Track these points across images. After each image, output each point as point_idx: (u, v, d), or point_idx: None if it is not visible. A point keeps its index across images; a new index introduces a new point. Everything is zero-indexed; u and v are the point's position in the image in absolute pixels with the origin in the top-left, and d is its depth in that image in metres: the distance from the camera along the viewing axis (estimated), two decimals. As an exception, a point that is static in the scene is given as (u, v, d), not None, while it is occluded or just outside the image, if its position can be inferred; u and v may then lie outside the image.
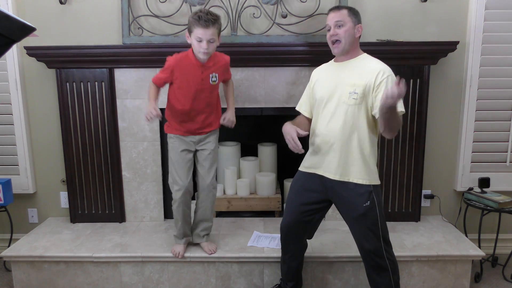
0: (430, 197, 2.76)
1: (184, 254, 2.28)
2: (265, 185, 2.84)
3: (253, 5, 2.52)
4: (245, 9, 2.53)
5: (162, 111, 2.48)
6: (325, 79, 1.97)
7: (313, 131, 1.98)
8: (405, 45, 2.44)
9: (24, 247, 2.39)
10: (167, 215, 2.77)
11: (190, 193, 2.21)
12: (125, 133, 2.64)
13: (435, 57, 2.52)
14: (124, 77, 2.58)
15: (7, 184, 2.60)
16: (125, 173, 2.69)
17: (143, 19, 2.57)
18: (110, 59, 2.51)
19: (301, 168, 2.03)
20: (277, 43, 2.49)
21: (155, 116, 1.99)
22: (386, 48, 2.44)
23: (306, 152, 2.03)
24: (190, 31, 2.01)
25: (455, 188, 2.76)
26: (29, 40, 2.35)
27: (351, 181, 1.85)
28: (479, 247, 2.40)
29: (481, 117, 2.66)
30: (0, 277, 2.61)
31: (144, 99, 2.59)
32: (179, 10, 2.54)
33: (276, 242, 2.39)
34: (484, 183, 2.58)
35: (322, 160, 1.91)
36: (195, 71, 2.08)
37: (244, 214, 2.87)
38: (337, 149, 1.86)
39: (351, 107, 1.82)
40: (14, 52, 2.60)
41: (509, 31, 2.57)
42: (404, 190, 2.66)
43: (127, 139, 2.65)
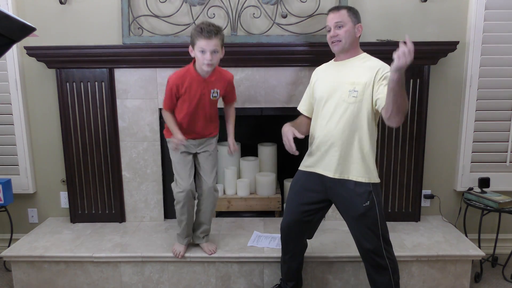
0: (430, 197, 2.76)
1: (184, 254, 2.28)
2: (265, 185, 2.84)
3: (253, 5, 2.52)
4: (245, 9, 2.53)
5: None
6: (325, 78, 1.97)
7: (313, 130, 1.98)
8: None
9: (24, 247, 2.39)
10: (167, 215, 2.77)
11: (193, 194, 2.21)
12: (125, 133, 2.64)
13: (435, 57, 2.52)
14: (124, 77, 2.58)
15: (7, 184, 2.60)
16: (125, 173, 2.69)
17: (143, 19, 2.57)
18: (110, 59, 2.51)
19: (301, 167, 2.03)
20: (277, 43, 2.49)
21: (182, 145, 2.10)
22: (386, 48, 2.42)
23: (306, 152, 2.03)
24: (193, 44, 2.00)
25: (455, 188, 2.76)
26: (29, 40, 2.35)
27: (350, 179, 1.85)
28: (479, 247, 2.41)
29: (481, 117, 2.66)
30: (0, 277, 2.61)
31: (144, 99, 2.59)
32: (179, 10, 2.54)
33: (276, 242, 2.39)
34: (484, 183, 2.58)
35: (322, 159, 1.91)
36: (197, 85, 2.07)
37: (244, 214, 2.87)
38: (336, 148, 1.86)
39: (351, 106, 1.82)
40: (14, 52, 2.60)
41: (509, 31, 2.57)
42: (404, 190, 2.66)
43: (127, 139, 2.65)
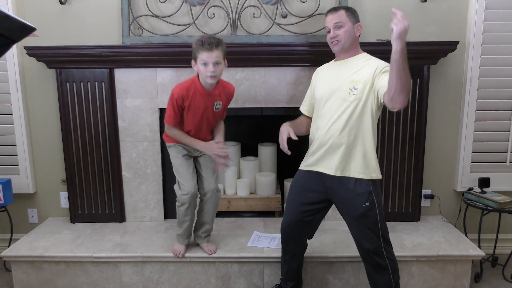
0: (430, 197, 2.76)
1: (185, 254, 2.28)
2: (265, 185, 2.84)
3: (253, 5, 2.52)
4: (245, 9, 2.53)
5: (163, 111, 2.48)
6: (326, 78, 1.98)
7: (313, 130, 1.99)
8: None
9: (24, 247, 2.39)
10: (167, 215, 2.77)
11: (196, 196, 2.21)
12: (125, 133, 2.64)
13: (435, 57, 2.52)
14: (124, 77, 2.58)
15: (7, 184, 2.60)
16: (125, 173, 2.69)
17: (143, 19, 2.57)
18: (110, 59, 2.51)
19: (301, 167, 2.03)
20: (277, 43, 2.49)
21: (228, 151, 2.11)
22: (386, 48, 2.41)
23: (306, 152, 2.03)
24: (195, 58, 2.00)
25: (455, 188, 2.76)
26: (29, 40, 2.35)
27: (351, 176, 1.85)
28: (479, 247, 2.41)
29: (481, 117, 2.66)
30: (0, 277, 2.61)
31: (144, 99, 2.59)
32: (179, 10, 2.53)
33: (276, 242, 2.39)
34: (484, 183, 2.58)
35: (323, 158, 1.91)
36: (200, 98, 2.08)
37: (244, 214, 2.86)
38: (338, 147, 1.86)
39: (352, 104, 1.83)
40: (14, 52, 2.60)
41: (509, 31, 2.57)
42: (404, 190, 2.66)
43: (127, 139, 2.65)
